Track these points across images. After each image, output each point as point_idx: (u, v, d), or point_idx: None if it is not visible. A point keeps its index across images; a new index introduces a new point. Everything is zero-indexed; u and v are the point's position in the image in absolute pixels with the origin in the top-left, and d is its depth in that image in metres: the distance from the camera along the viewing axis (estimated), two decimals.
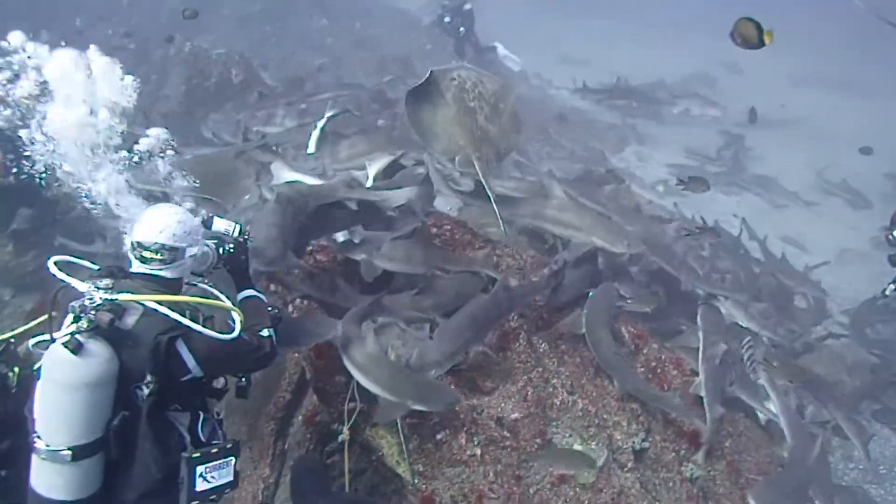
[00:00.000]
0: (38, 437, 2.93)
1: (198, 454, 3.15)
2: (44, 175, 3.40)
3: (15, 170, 6.62)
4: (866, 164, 14.29)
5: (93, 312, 2.94)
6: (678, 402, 5.50)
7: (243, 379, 3.63)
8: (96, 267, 3.28)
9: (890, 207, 13.74)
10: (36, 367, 3.10)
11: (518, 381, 5.24)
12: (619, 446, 5.21)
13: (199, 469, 3.13)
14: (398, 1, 22.00)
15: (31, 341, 3.21)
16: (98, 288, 3.02)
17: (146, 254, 3.25)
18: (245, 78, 12.64)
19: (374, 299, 5.32)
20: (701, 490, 5.37)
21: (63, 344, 2.88)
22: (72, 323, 2.98)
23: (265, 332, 3.46)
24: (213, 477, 3.15)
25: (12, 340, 3.36)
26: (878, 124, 16.69)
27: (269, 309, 3.75)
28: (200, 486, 3.12)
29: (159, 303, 3.04)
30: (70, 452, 2.89)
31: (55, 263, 3.14)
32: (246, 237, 3.74)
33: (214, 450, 3.18)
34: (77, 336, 2.89)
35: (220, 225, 3.66)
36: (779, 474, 5.67)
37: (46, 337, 3.03)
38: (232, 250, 3.68)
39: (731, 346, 6.16)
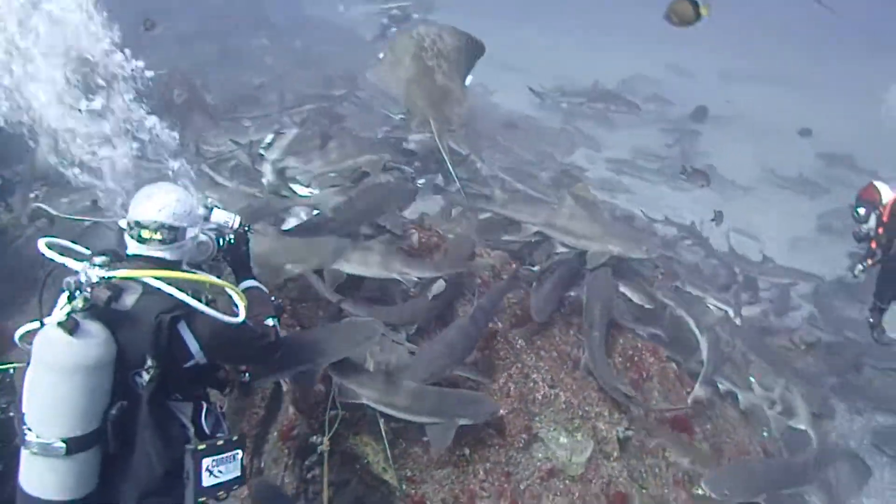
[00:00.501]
0: (29, 429, 2.68)
1: (203, 446, 2.92)
2: None
3: None
4: (808, 154, 14.75)
5: (88, 290, 2.71)
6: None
7: (246, 375, 3.43)
8: (88, 251, 3.02)
9: (835, 193, 14.33)
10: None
11: (499, 378, 5.17)
12: (604, 436, 5.18)
13: (206, 462, 2.89)
14: (338, 17, 21.88)
15: (18, 332, 2.94)
16: (94, 265, 2.80)
17: (145, 233, 3.02)
18: (188, 98, 12.35)
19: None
20: (686, 474, 5.36)
21: (57, 324, 2.65)
22: (66, 303, 2.74)
23: (269, 321, 3.29)
24: (220, 471, 2.92)
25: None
26: (813, 112, 17.23)
27: (272, 299, 3.57)
28: (207, 480, 2.88)
29: (161, 280, 2.83)
30: (64, 445, 2.65)
31: (46, 245, 2.90)
32: (247, 228, 3.54)
33: (220, 442, 2.96)
34: (73, 315, 2.67)
35: (219, 216, 3.45)
36: (738, 466, 5.62)
37: (35, 326, 2.79)
38: (232, 241, 3.48)
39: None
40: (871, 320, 5.76)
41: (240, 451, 3.00)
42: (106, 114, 3.96)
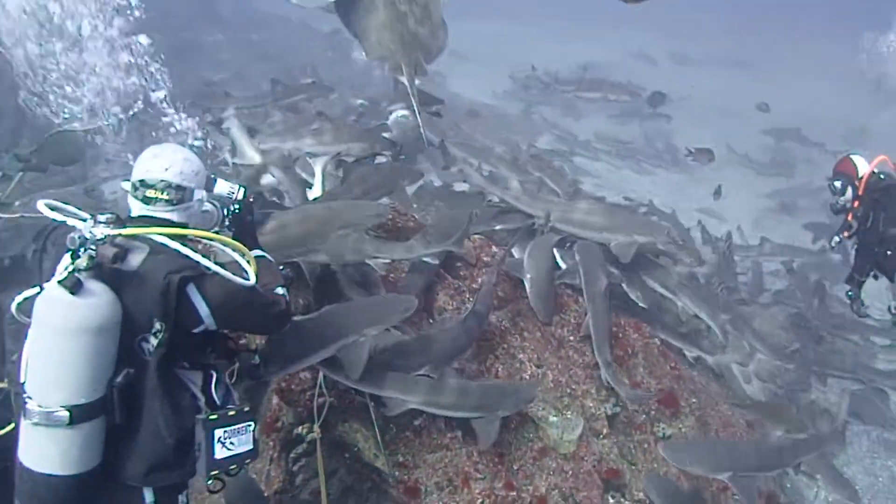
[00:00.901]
0: (29, 398, 2.51)
1: (215, 416, 2.76)
2: None
3: None
4: (766, 134, 14.98)
5: (93, 248, 2.54)
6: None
7: (256, 356, 3.30)
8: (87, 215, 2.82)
9: (797, 171, 14.64)
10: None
11: (485, 360, 5.10)
12: (593, 413, 5.15)
13: (217, 433, 2.74)
14: (292, 11, 21.52)
15: (16, 300, 2.73)
16: (98, 223, 2.62)
17: (150, 193, 2.85)
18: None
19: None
20: None
21: (59, 282, 2.48)
22: (70, 262, 2.57)
23: (280, 290, 3.15)
24: (232, 443, 2.76)
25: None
26: (766, 94, 17.45)
27: (281, 269, 3.43)
28: (220, 452, 2.73)
29: (170, 237, 2.67)
30: (67, 414, 2.47)
31: (46, 206, 2.72)
32: (251, 199, 3.37)
33: (232, 412, 2.80)
34: (76, 274, 2.50)
35: (222, 187, 3.27)
36: (701, 443, 5.53)
37: (34, 292, 2.61)
38: (238, 210, 3.30)
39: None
40: (850, 293, 5.80)
41: (252, 423, 2.84)
42: None
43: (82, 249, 2.54)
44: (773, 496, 5.84)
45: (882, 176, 5.45)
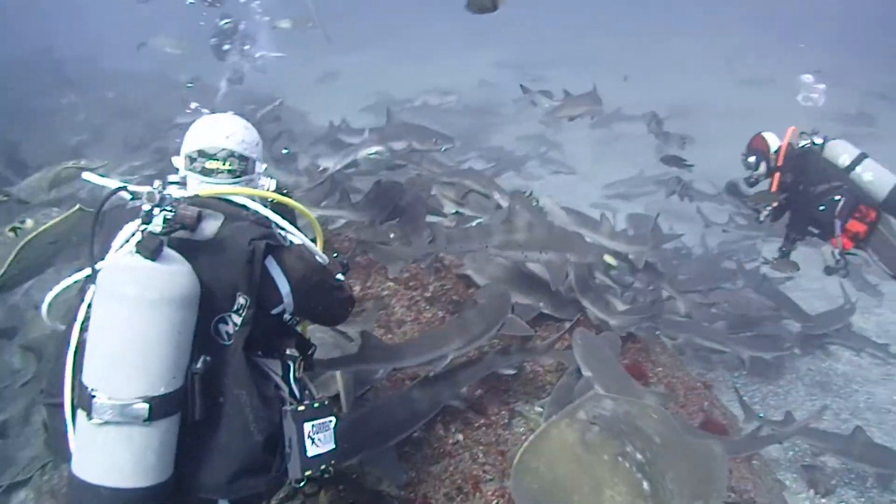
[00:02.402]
0: (93, 392, 2.06)
1: (303, 407, 2.41)
2: None
3: None
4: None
5: (170, 209, 2.17)
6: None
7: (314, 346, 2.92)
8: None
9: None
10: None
11: None
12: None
13: (307, 428, 2.37)
14: (142, 64, 20.62)
15: (52, 293, 2.37)
16: (171, 183, 2.30)
17: (211, 164, 2.52)
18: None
19: None
20: None
21: (136, 245, 2.11)
22: (141, 226, 2.18)
23: (340, 277, 2.87)
24: (320, 440, 2.40)
25: None
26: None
27: (335, 256, 3.11)
28: (311, 449, 2.37)
29: (252, 198, 2.39)
30: (146, 406, 2.05)
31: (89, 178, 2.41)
32: (286, 192, 3.05)
33: (316, 404, 2.45)
34: (155, 236, 2.14)
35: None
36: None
37: (81, 276, 2.23)
38: (286, 192, 2.90)
39: None
40: (783, 249, 6.31)
41: (335, 419, 2.49)
42: None
43: (158, 210, 2.18)
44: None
45: (799, 144, 5.88)
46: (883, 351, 8.26)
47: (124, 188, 2.32)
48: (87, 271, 2.26)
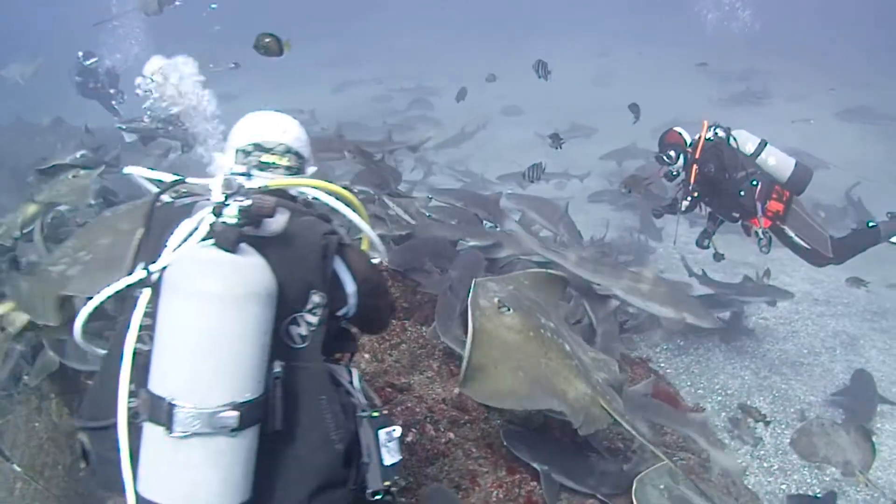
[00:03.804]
0: (174, 402, 1.87)
1: (376, 413, 2.30)
2: None
3: None
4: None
5: (244, 199, 2.03)
6: None
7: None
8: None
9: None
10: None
11: (432, 365, 5.00)
12: None
13: (382, 436, 2.28)
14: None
15: (87, 308, 2.13)
16: (235, 174, 2.15)
17: (268, 158, 2.40)
18: None
19: None
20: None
21: (216, 240, 1.97)
22: (212, 216, 2.04)
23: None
24: (391, 449, 2.31)
25: None
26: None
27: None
28: (387, 458, 2.28)
29: (326, 192, 2.32)
30: (237, 414, 1.88)
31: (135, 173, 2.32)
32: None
33: (385, 411, 2.42)
34: (232, 227, 2.00)
35: None
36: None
37: (135, 278, 2.04)
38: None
39: None
40: (708, 230, 6.90)
41: (399, 428, 2.39)
42: None
43: (233, 199, 2.05)
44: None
45: (712, 137, 6.41)
46: (789, 298, 8.76)
47: (182, 180, 2.21)
48: (137, 276, 2.07)
